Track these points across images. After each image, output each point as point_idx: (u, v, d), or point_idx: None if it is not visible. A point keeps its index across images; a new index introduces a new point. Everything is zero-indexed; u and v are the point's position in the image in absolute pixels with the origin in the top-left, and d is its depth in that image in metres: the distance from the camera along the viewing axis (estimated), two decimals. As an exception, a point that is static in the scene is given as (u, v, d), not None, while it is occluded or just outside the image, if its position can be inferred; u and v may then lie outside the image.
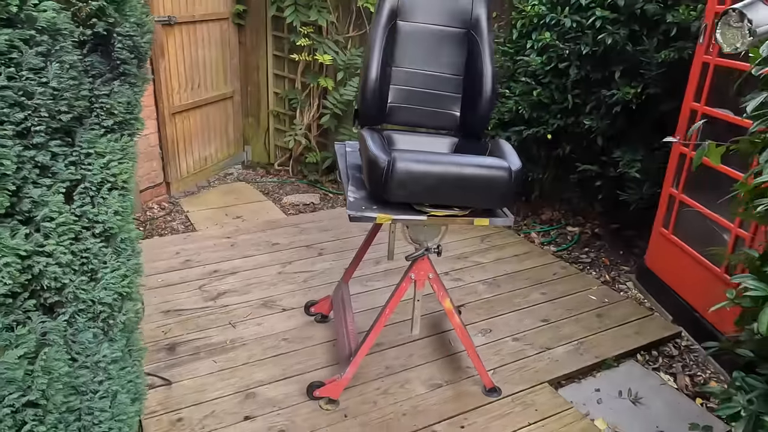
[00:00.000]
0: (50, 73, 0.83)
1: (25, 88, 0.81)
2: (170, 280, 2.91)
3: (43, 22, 0.81)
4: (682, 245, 2.76)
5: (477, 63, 2.07)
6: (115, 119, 0.99)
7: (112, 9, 0.93)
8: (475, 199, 1.76)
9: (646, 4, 2.87)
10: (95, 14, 0.92)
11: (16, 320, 0.88)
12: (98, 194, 0.98)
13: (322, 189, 4.39)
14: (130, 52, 1.00)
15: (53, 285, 0.93)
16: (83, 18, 0.92)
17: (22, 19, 0.80)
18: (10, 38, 0.78)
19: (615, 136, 3.27)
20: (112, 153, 0.98)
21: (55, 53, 0.84)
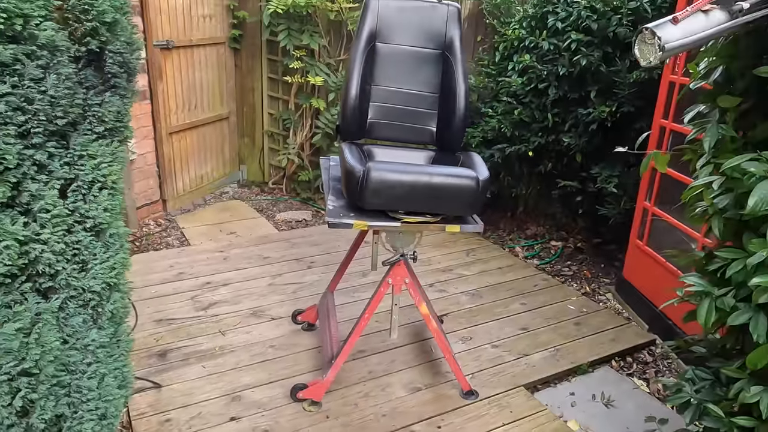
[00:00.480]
0: (48, 83, 0.96)
1: (26, 95, 0.93)
2: (163, 292, 3.01)
3: (43, 39, 0.94)
4: (655, 256, 2.87)
5: (451, 82, 2.22)
6: (105, 126, 1.12)
7: (104, 29, 1.06)
8: (445, 207, 1.88)
9: (618, 28, 3.03)
10: (89, 33, 1.05)
11: (13, 299, 0.99)
12: (90, 192, 1.10)
13: (314, 206, 4.52)
14: (120, 67, 1.13)
15: (47, 271, 1.04)
16: (79, 36, 1.05)
17: (25, 36, 0.93)
18: (14, 52, 0.90)
19: (593, 152, 3.40)
20: (102, 156, 1.11)
21: (53, 66, 0.97)
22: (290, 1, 3.91)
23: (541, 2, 3.42)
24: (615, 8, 3.04)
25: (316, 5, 3.94)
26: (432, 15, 2.23)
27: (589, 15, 3.11)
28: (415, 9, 2.24)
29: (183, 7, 4.04)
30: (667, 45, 1.04)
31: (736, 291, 1.37)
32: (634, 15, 3.00)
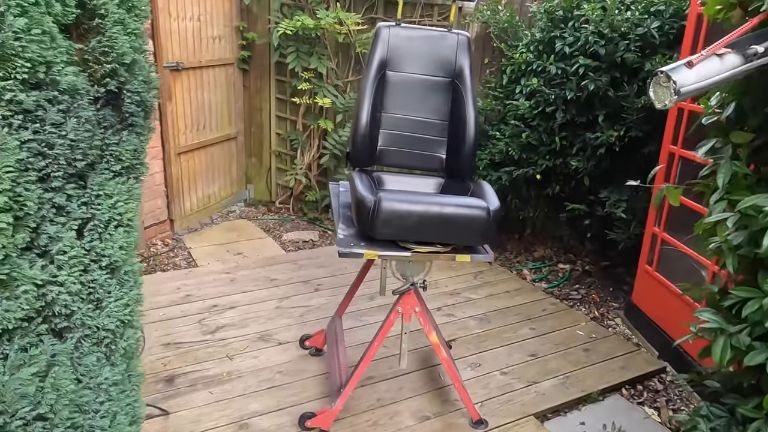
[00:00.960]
0: (69, 127, 0.97)
1: (47, 140, 0.94)
2: (171, 314, 3.01)
3: (65, 85, 0.95)
4: (665, 282, 2.86)
5: (461, 109, 2.23)
6: (122, 164, 1.13)
7: (123, 70, 1.07)
8: (456, 237, 1.88)
9: (626, 53, 3.04)
10: (109, 75, 1.06)
11: (30, 342, 0.99)
12: (106, 231, 1.10)
13: (321, 226, 4.52)
14: (137, 106, 1.14)
15: (63, 312, 1.04)
16: (98, 78, 1.06)
17: (47, 82, 0.94)
18: (37, 99, 0.91)
19: (601, 176, 3.40)
20: (119, 194, 1.11)
21: (73, 110, 0.98)
22: (299, 24, 3.95)
23: (549, 27, 3.44)
24: (623, 34, 3.05)
25: (324, 28, 3.98)
26: (442, 43, 2.25)
27: (597, 40, 3.12)
28: (426, 38, 2.26)
29: (193, 29, 4.09)
30: (683, 89, 1.05)
31: (752, 329, 1.36)
32: (641, 41, 3.01)
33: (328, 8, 4.07)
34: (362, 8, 4.10)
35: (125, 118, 1.13)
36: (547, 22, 3.44)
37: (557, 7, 3.41)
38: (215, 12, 4.27)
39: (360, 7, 4.10)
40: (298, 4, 4.20)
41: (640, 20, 3.01)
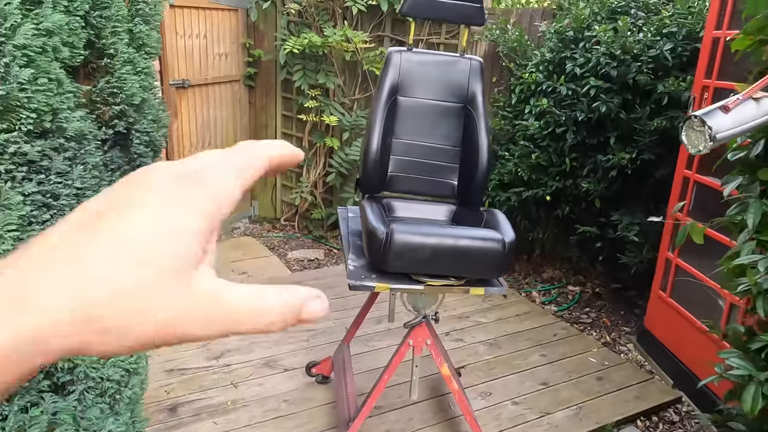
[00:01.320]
0: (75, 175, 0.92)
1: (52, 190, 0.90)
2: (175, 338, 2.95)
3: (71, 131, 0.91)
4: (679, 309, 2.79)
5: (473, 136, 2.18)
6: (130, 207, 1.08)
7: (132, 110, 1.03)
8: (470, 270, 1.83)
9: (638, 75, 3.00)
10: (117, 116, 1.02)
11: (30, 401, 0.94)
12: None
13: (327, 245, 4.47)
14: (146, 146, 1.09)
15: (66, 366, 0.99)
16: (106, 120, 1.02)
17: (53, 129, 0.89)
18: (42, 148, 0.87)
19: (612, 198, 3.35)
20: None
21: (80, 156, 0.94)
22: (306, 42, 3.92)
23: (559, 47, 3.40)
24: (635, 56, 3.01)
25: (332, 45, 3.95)
26: (454, 69, 2.21)
27: (608, 62, 3.08)
28: (438, 63, 2.22)
29: (200, 46, 4.07)
30: (719, 135, 1.00)
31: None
32: (654, 62, 2.97)
33: (335, 26, 4.05)
34: (369, 26, 4.07)
35: (133, 158, 1.08)
36: (557, 43, 3.40)
37: (567, 28, 3.37)
38: (222, 29, 4.25)
39: (367, 24, 4.08)
40: (305, 22, 4.18)
41: (652, 42, 2.97)
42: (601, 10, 3.29)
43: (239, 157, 0.32)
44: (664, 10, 3.08)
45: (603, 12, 3.28)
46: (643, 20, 3.11)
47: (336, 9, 4.05)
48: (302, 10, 4.09)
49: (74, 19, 0.88)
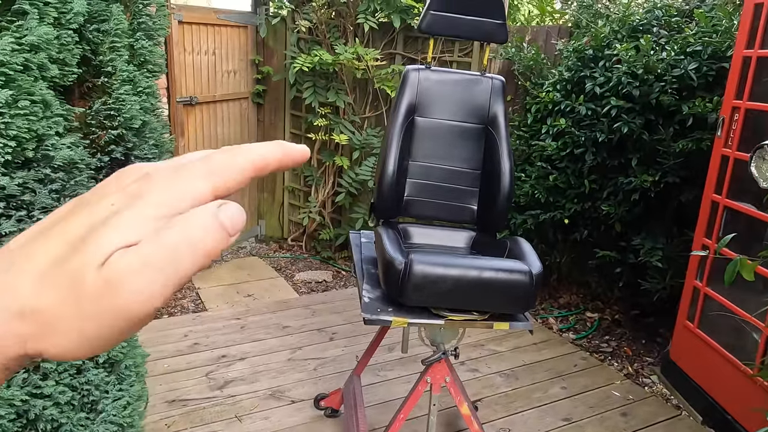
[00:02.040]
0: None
1: (34, 229, 0.79)
2: (177, 366, 2.82)
3: (60, 160, 0.80)
4: (709, 341, 2.64)
5: (494, 158, 2.06)
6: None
7: (131, 134, 0.92)
8: (494, 304, 1.70)
9: (662, 95, 2.88)
10: (114, 141, 0.91)
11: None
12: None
13: (335, 266, 4.35)
14: (147, 174, 0.98)
15: (49, 427, 0.87)
16: (101, 145, 0.91)
17: (37, 159, 0.78)
18: (24, 181, 0.76)
19: (633, 222, 3.21)
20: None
21: (69, 188, 0.83)
22: (316, 59, 3.84)
23: (577, 66, 3.30)
24: (658, 75, 2.90)
25: (342, 63, 3.86)
26: (474, 88, 2.10)
27: (630, 81, 2.97)
28: (457, 82, 2.11)
29: (208, 63, 3.99)
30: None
31: None
32: (678, 82, 2.85)
33: (346, 43, 3.96)
34: (381, 43, 3.99)
35: (132, 188, 0.97)
36: (576, 61, 3.30)
37: (586, 46, 3.27)
38: (231, 46, 4.18)
39: (379, 42, 4.00)
40: (315, 39, 4.10)
41: (676, 61, 2.86)
42: (622, 29, 3.19)
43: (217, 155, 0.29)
44: (687, 28, 2.97)
45: (623, 30, 3.18)
46: (665, 39, 3.01)
47: (347, 26, 3.97)
48: (313, 27, 4.02)
49: (66, 33, 0.77)
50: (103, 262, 0.25)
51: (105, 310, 0.25)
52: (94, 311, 0.25)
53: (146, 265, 0.25)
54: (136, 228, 0.26)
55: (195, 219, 0.26)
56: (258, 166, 0.30)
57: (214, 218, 0.26)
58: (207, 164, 0.28)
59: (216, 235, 0.26)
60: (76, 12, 0.79)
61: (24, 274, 0.26)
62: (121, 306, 0.25)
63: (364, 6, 3.85)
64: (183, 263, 0.26)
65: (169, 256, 0.25)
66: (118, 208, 0.27)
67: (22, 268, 0.27)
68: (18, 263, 0.27)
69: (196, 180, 0.28)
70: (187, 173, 0.28)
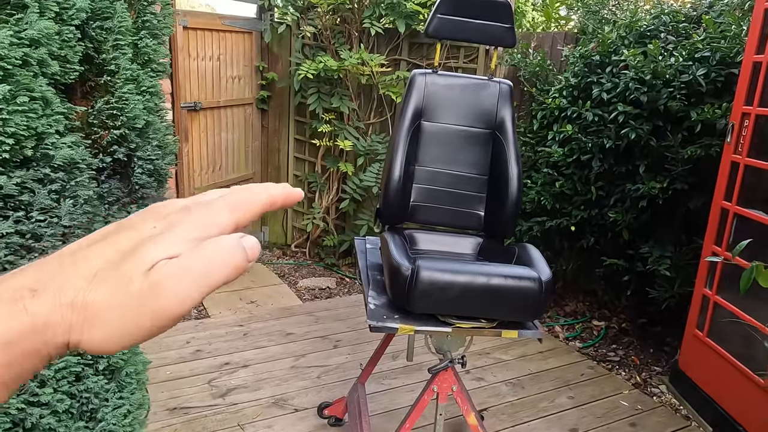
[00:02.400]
0: (62, 210, 0.78)
1: (33, 230, 0.76)
2: (179, 373, 2.79)
3: (60, 160, 0.77)
4: (719, 350, 2.60)
5: (502, 163, 2.04)
6: (129, 246, 0.94)
7: (134, 135, 0.90)
8: (503, 311, 1.67)
9: (670, 101, 2.85)
10: (116, 141, 0.88)
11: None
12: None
13: (339, 273, 4.31)
14: (149, 175, 0.95)
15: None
16: (103, 146, 0.88)
17: (37, 157, 0.76)
18: (22, 180, 0.73)
19: (640, 229, 3.18)
20: (123, 282, 0.92)
21: (69, 189, 0.80)
22: (321, 66, 3.83)
23: (584, 72, 3.27)
24: (666, 81, 2.87)
25: (347, 69, 3.85)
26: (482, 93, 2.08)
27: (638, 87, 2.94)
28: (464, 86, 2.08)
29: (213, 68, 3.98)
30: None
31: None
32: (686, 88, 2.82)
33: (351, 49, 3.95)
34: (386, 49, 3.98)
35: (134, 189, 0.95)
36: (582, 67, 3.28)
37: (593, 52, 3.25)
38: (235, 51, 4.17)
39: (384, 47, 3.98)
40: (320, 45, 4.09)
41: (684, 67, 2.83)
42: (629, 34, 3.16)
43: (236, 194, 0.36)
44: (695, 34, 2.95)
45: (631, 36, 3.16)
46: (673, 44, 2.98)
47: (352, 32, 3.96)
48: (317, 33, 4.01)
49: (68, 29, 0.74)
50: (149, 269, 0.31)
51: (147, 307, 0.31)
52: (137, 308, 0.30)
53: (185, 271, 0.31)
54: (176, 245, 0.32)
55: (225, 240, 0.33)
56: (267, 204, 0.37)
57: (239, 242, 0.33)
58: (230, 202, 0.35)
59: (241, 254, 0.32)
60: (78, 8, 0.77)
61: (78, 272, 0.31)
62: (162, 305, 0.31)
63: (370, 11, 3.84)
64: (214, 273, 0.32)
65: (203, 267, 0.31)
66: (161, 230, 0.33)
67: (77, 267, 0.32)
68: (72, 263, 0.32)
69: (222, 213, 0.34)
70: (215, 208, 0.34)
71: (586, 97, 3.23)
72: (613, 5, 3.70)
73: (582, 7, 3.79)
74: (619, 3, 3.72)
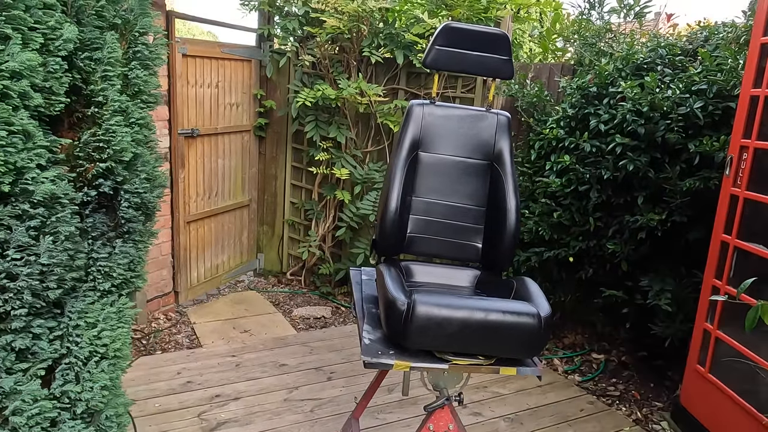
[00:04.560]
0: (41, 248, 0.75)
1: (8, 270, 0.72)
2: (168, 406, 2.71)
3: (40, 195, 0.74)
4: (721, 387, 2.54)
5: (499, 195, 2.01)
6: (113, 282, 0.90)
7: (121, 168, 0.87)
8: (501, 348, 1.62)
9: (667, 133, 2.85)
10: (102, 174, 0.85)
11: None
12: (84, 369, 0.86)
13: (334, 302, 4.26)
14: (137, 209, 0.92)
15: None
16: (89, 179, 0.85)
17: (15, 193, 0.73)
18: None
19: (640, 261, 3.14)
20: (105, 320, 0.88)
21: (50, 225, 0.77)
22: (319, 94, 3.83)
23: (581, 103, 3.28)
24: (664, 113, 2.87)
25: (345, 97, 3.86)
26: (480, 124, 2.06)
27: (635, 119, 2.94)
28: (462, 117, 2.07)
29: (211, 95, 3.99)
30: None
31: None
32: (684, 121, 2.82)
33: (349, 78, 3.97)
34: (384, 78, 4.00)
35: (120, 224, 0.91)
36: (579, 98, 3.28)
37: (590, 83, 3.26)
38: (234, 79, 4.18)
39: (382, 77, 4.00)
40: (318, 73, 4.11)
41: (681, 99, 2.83)
42: (626, 66, 3.18)
43: None
44: (692, 67, 2.96)
45: (627, 68, 3.17)
46: (670, 77, 2.99)
47: (351, 61, 3.98)
48: (316, 61, 4.03)
49: (54, 60, 0.72)
50: None
51: None
52: None
53: None
54: None
55: None
56: None
57: None
58: None
59: None
60: (66, 39, 0.75)
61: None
62: None
63: (368, 41, 3.86)
64: None
65: None
66: None
67: None
68: None
69: None
70: None
71: (584, 128, 3.23)
72: (609, 38, 3.73)
73: (579, 39, 3.82)
74: (615, 36, 3.75)
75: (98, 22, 0.85)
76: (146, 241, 0.98)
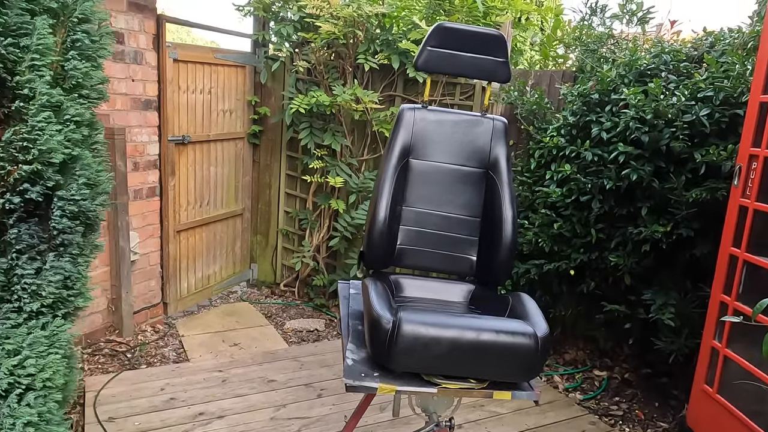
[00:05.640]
0: (-61, 264, 0.64)
1: None
2: (149, 425, 2.59)
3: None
4: (730, 408, 2.41)
5: (495, 205, 1.90)
6: (42, 302, 0.79)
7: (51, 171, 0.75)
8: (494, 371, 1.50)
9: (672, 142, 2.74)
10: (28, 178, 0.74)
11: None
12: (5, 403, 0.75)
13: (328, 314, 4.13)
14: (73, 219, 0.81)
15: None
16: (11, 183, 0.74)
17: None
18: None
19: (643, 274, 3.02)
20: (31, 346, 0.77)
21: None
22: (314, 101, 3.73)
23: (583, 110, 3.17)
24: (668, 121, 2.76)
25: (340, 104, 3.76)
26: (474, 129, 1.95)
27: (639, 126, 2.83)
28: (456, 123, 1.96)
29: (203, 102, 3.90)
30: None
31: None
32: (690, 129, 2.71)
33: (345, 84, 3.87)
34: (380, 85, 3.90)
35: (53, 236, 0.80)
36: (581, 106, 3.17)
37: (592, 90, 3.15)
38: (228, 85, 4.09)
39: (378, 83, 3.90)
40: (313, 80, 4.01)
41: (687, 106, 2.72)
42: (629, 73, 3.07)
43: None
44: (697, 73, 2.85)
45: (630, 75, 3.06)
46: (675, 83, 2.88)
47: (346, 67, 3.89)
48: (311, 67, 3.93)
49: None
50: None
51: None
52: None
53: None
54: None
55: None
56: None
57: None
58: None
59: None
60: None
61: None
62: None
63: (364, 47, 3.77)
64: None
65: None
66: None
67: None
68: None
69: None
70: None
71: (585, 136, 3.12)
72: (611, 44, 3.63)
73: (580, 45, 3.72)
74: (617, 42, 3.65)
75: (27, 5, 0.74)
76: (87, 255, 0.86)
